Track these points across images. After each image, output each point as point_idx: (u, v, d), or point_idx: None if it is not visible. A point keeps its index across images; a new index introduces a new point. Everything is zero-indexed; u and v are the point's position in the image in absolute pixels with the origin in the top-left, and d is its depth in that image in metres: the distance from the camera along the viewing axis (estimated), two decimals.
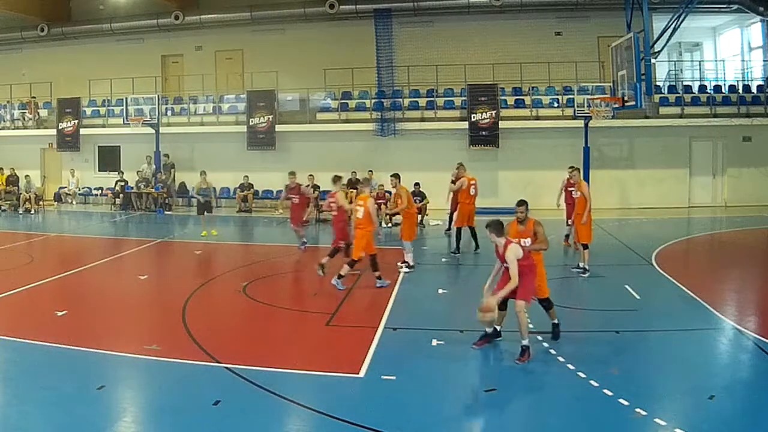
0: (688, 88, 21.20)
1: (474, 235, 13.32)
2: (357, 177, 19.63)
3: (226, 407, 5.65)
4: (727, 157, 20.49)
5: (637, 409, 5.46)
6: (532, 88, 21.35)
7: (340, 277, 9.86)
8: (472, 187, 13.35)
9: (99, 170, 24.21)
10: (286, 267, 12.36)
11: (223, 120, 22.88)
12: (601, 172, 19.56)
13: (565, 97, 20.61)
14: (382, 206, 17.97)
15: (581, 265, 11.06)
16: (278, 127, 21.81)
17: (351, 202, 18.48)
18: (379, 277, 10.08)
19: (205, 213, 16.24)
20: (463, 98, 21.10)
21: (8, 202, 21.89)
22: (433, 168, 19.47)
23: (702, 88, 21.10)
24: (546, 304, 7.55)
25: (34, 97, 24.21)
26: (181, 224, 19.18)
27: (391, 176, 12.10)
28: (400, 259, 11.65)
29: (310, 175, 19.64)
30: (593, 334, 7.96)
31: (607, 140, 20.58)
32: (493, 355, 7.41)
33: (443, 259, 12.80)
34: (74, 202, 23.39)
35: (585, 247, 10.99)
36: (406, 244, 11.55)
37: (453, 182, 13.80)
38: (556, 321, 7.56)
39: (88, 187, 23.93)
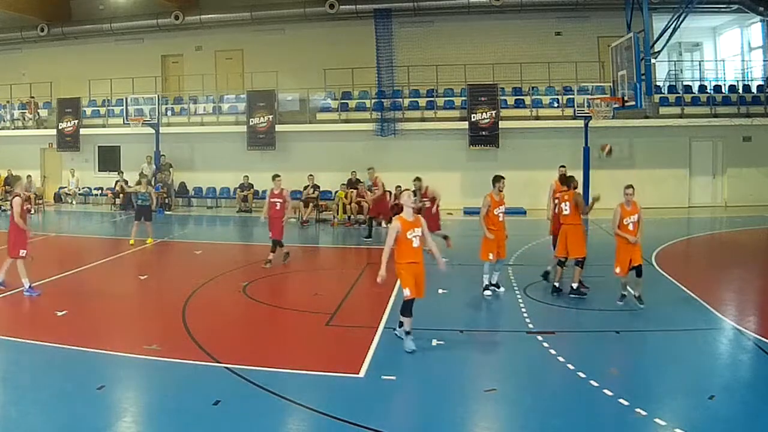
0: (688, 88, 21.19)
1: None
2: (357, 177, 19.66)
3: (226, 407, 5.65)
4: (727, 157, 20.49)
5: (637, 409, 5.46)
6: (532, 88, 21.34)
7: None
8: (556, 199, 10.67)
9: (99, 170, 24.22)
10: (286, 267, 12.34)
11: (223, 120, 22.87)
12: (601, 172, 19.53)
13: (565, 97, 20.60)
14: None
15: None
16: (278, 127, 21.81)
17: (351, 203, 18.73)
18: None
19: (143, 219, 14.72)
20: (463, 98, 21.09)
21: (8, 202, 21.83)
22: (433, 168, 19.44)
23: (702, 88, 21.10)
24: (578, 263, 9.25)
25: (34, 97, 24.21)
26: (181, 224, 19.18)
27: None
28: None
29: (310, 175, 19.71)
30: (593, 334, 7.97)
31: (607, 140, 20.51)
32: (493, 355, 7.44)
33: (443, 259, 12.74)
34: (74, 202, 23.42)
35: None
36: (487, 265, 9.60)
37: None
38: (574, 285, 9.21)
39: (88, 187, 23.93)
